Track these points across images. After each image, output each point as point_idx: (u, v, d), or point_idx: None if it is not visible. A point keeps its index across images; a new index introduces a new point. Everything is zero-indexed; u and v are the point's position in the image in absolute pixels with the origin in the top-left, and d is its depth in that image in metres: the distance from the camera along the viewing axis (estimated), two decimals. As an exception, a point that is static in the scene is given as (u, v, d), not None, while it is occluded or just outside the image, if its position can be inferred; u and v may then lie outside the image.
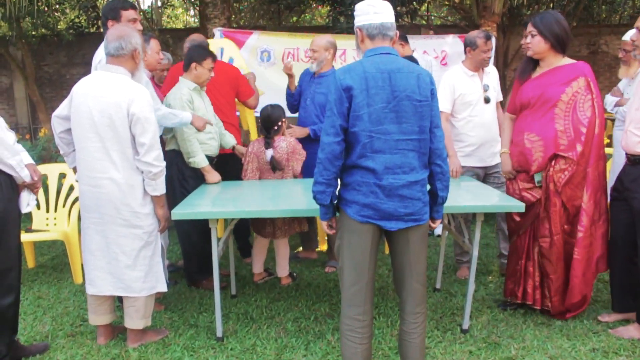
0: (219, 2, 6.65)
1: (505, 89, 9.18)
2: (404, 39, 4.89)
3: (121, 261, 2.86)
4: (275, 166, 3.75)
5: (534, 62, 3.21)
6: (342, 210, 2.38)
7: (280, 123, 3.77)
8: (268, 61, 6.23)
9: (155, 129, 2.78)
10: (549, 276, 3.21)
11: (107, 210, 2.80)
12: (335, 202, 2.40)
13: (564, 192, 3.07)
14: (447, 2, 11.70)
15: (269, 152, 3.75)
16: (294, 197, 3.27)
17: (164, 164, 2.83)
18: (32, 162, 2.82)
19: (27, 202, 2.79)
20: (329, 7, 10.95)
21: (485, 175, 3.95)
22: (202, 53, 3.67)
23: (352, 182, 2.30)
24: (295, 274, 4.06)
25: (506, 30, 9.88)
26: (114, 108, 2.69)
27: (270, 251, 4.13)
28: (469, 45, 3.77)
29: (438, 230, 5.27)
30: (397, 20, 10.63)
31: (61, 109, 2.89)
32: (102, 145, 2.73)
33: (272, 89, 6.18)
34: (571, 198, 3.09)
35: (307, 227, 4.08)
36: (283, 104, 6.08)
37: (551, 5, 10.64)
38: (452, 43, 6.52)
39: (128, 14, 3.23)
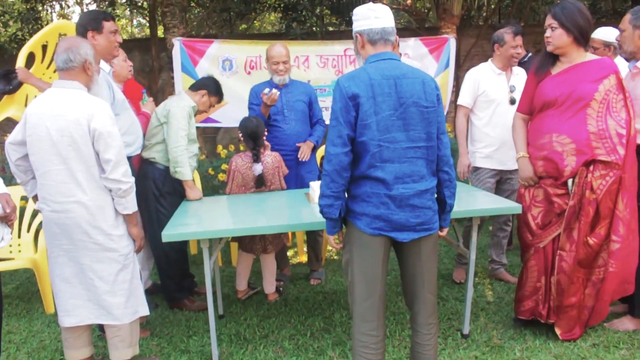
0: (177, 12, 6.45)
1: (458, 90, 9.33)
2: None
3: (99, 287, 2.66)
4: (262, 182, 3.58)
5: (554, 57, 2.96)
6: (350, 223, 2.28)
7: (263, 137, 3.63)
8: (230, 70, 6.09)
9: (120, 143, 2.60)
10: (563, 292, 2.94)
11: (77, 235, 2.60)
12: (342, 215, 2.30)
13: (602, 199, 2.80)
14: (394, 6, 11.82)
15: (259, 167, 3.55)
16: (286, 210, 3.15)
17: (132, 179, 2.66)
18: (6, 191, 2.58)
19: (0, 236, 2.55)
20: (280, 14, 10.88)
21: (500, 179, 3.85)
22: (217, 89, 3.71)
23: (361, 193, 2.21)
24: (282, 289, 3.93)
25: (457, 31, 10.07)
26: (74, 126, 2.50)
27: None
28: (497, 42, 3.67)
29: None
30: (345, 25, 10.66)
31: (15, 135, 2.66)
32: (66, 167, 2.54)
33: (235, 99, 6.04)
34: (604, 206, 2.82)
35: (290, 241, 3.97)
36: (243, 114, 5.94)
37: (497, 7, 10.93)
38: (413, 46, 6.55)
39: (110, 25, 3.04)
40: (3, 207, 2.49)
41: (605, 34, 3.81)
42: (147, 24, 15.46)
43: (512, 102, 3.66)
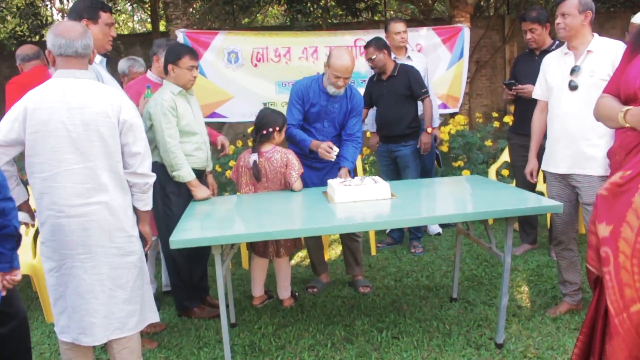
0: (180, 2, 6.19)
1: (471, 81, 9.08)
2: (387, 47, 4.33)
3: (118, 297, 2.40)
4: (256, 174, 3.34)
5: None
6: None
7: (268, 130, 3.34)
8: (236, 62, 5.85)
9: (145, 135, 2.46)
10: None
11: (97, 241, 2.33)
12: None
13: None
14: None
15: (253, 157, 3.35)
16: (303, 211, 2.92)
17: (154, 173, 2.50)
18: (27, 197, 2.26)
19: None
20: (284, 6, 10.63)
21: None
22: (176, 52, 3.24)
23: None
24: (297, 294, 3.69)
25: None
26: (102, 118, 2.27)
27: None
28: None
29: (436, 228, 4.97)
30: (356, 17, 10.41)
31: (6, 133, 2.28)
32: (86, 165, 2.28)
33: (241, 93, 5.82)
34: None
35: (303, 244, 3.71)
36: (250, 108, 5.73)
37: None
38: (426, 36, 6.31)
39: (106, 17, 2.81)
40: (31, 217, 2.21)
41: None
42: (149, 19, 15.22)
43: (573, 87, 2.93)
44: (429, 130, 4.33)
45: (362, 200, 2.91)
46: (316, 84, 3.58)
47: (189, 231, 2.57)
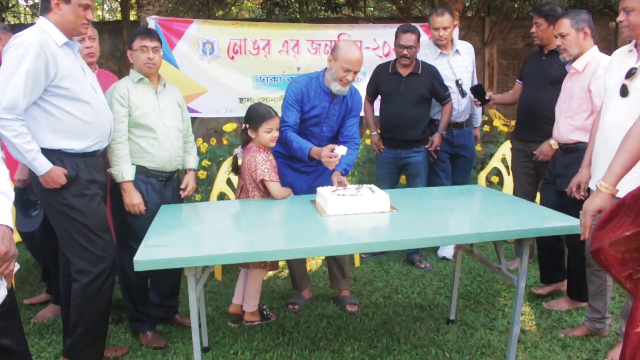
0: (152, -13, 5.75)
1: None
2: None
3: None
4: (233, 167, 3.17)
5: None
6: None
7: (241, 125, 3.13)
8: (211, 54, 5.41)
9: None
10: None
11: None
12: None
13: None
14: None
15: (237, 150, 3.14)
16: (290, 226, 2.56)
17: None
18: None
19: None
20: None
21: None
22: (131, 36, 2.92)
23: None
24: (270, 314, 3.28)
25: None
26: None
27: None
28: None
29: (447, 251, 4.33)
30: (336, 11, 10.03)
31: None
32: None
33: (216, 86, 5.39)
34: None
35: None
36: (225, 103, 5.37)
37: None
38: (413, 33, 5.97)
39: None
40: None
41: None
42: (119, 8, 14.59)
43: (623, 93, 2.44)
44: (444, 133, 4.11)
45: (357, 213, 2.56)
46: (316, 82, 3.18)
47: (158, 248, 2.17)
